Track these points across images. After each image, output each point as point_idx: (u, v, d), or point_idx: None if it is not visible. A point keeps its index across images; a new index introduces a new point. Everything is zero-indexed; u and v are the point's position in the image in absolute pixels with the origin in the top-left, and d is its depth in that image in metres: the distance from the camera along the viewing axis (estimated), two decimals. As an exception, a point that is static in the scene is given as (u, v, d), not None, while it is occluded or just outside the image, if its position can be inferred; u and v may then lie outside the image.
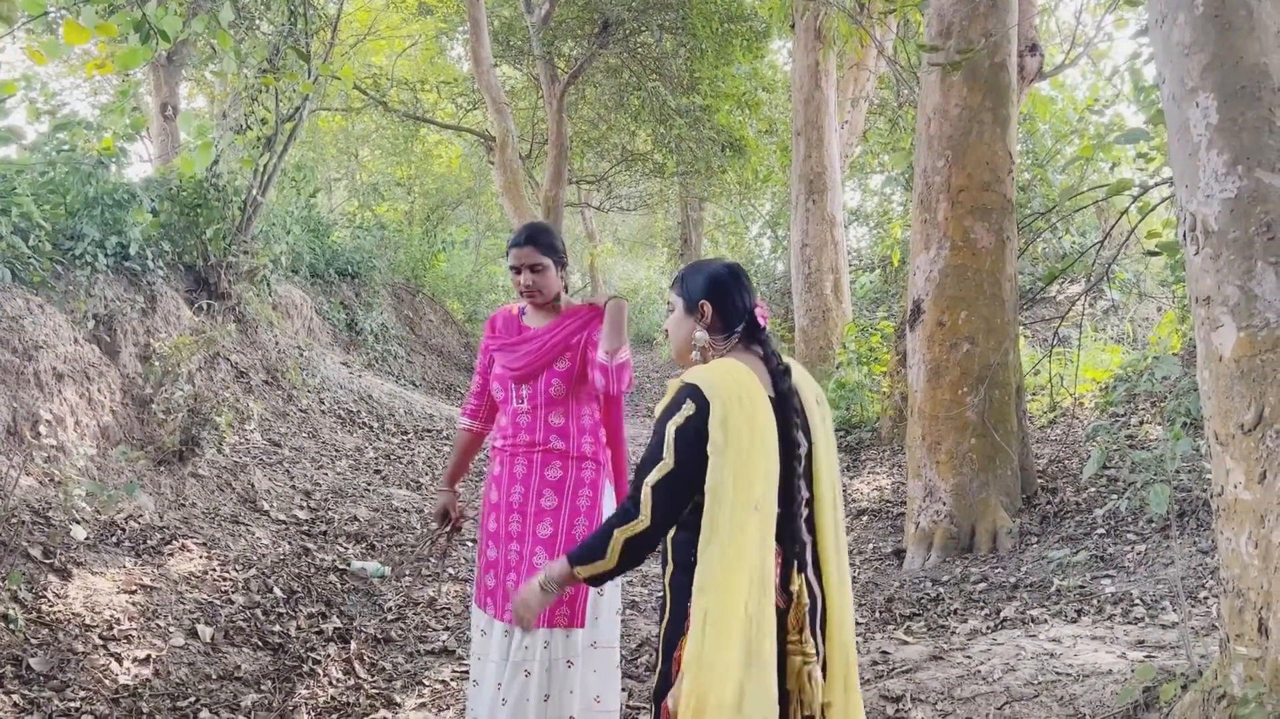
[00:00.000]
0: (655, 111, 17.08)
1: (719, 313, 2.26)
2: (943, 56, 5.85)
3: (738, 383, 2.12)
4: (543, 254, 3.16)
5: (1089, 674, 3.57)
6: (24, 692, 3.48)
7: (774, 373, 2.23)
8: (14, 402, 4.99)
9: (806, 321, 11.65)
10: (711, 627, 2.02)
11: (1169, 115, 2.92)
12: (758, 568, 2.05)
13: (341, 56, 14.84)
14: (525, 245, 3.15)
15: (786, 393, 2.20)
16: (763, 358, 2.25)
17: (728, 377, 2.13)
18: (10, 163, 5.76)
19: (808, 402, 2.28)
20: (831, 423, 2.36)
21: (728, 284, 2.27)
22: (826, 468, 2.26)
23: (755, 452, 2.07)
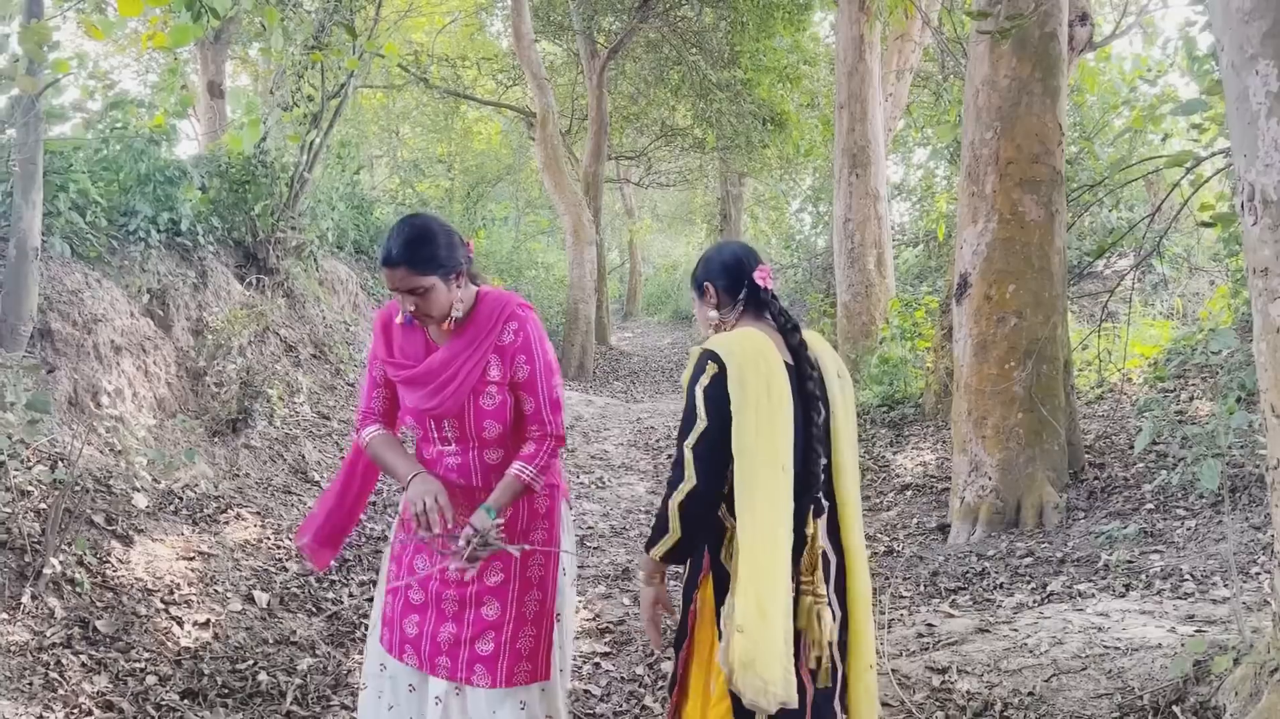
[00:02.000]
0: (695, 86, 17.00)
1: (719, 288, 2.44)
2: (992, 25, 5.77)
3: (753, 347, 2.24)
4: (421, 274, 2.40)
5: (1137, 648, 3.56)
6: (91, 652, 3.60)
7: (785, 334, 2.37)
8: (75, 373, 5.12)
9: (849, 297, 11.59)
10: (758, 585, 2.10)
11: (1227, 83, 2.88)
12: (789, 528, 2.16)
13: (385, 33, 14.90)
14: (397, 266, 2.39)
15: (800, 354, 2.34)
16: (775, 324, 2.39)
17: (743, 341, 2.26)
18: (67, 140, 5.88)
19: (828, 374, 2.40)
20: (853, 398, 2.48)
21: (721, 260, 2.46)
22: (846, 438, 2.38)
23: (775, 411, 2.18)
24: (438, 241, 2.43)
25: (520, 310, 2.57)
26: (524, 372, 2.53)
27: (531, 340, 2.54)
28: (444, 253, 2.43)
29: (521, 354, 2.53)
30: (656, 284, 31.44)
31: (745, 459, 2.14)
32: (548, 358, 2.57)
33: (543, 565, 2.64)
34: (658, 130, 21.30)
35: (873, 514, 6.73)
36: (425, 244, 2.41)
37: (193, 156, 8.13)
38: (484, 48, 20.90)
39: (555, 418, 2.54)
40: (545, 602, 2.62)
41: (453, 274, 2.45)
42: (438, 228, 2.47)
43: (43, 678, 3.36)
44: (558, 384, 2.57)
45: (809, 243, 16.75)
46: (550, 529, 2.67)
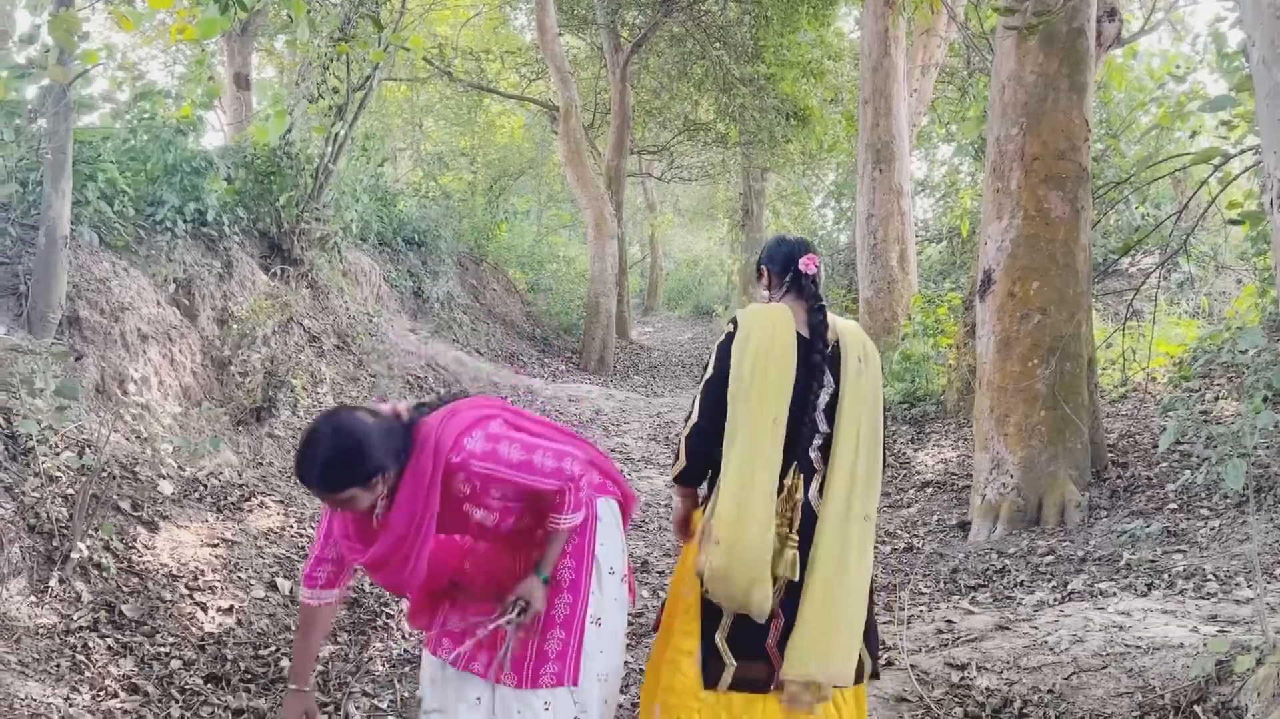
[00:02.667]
0: (719, 80, 16.96)
1: (772, 272, 2.88)
2: (1019, 20, 5.74)
3: (769, 317, 2.68)
4: (341, 492, 2.27)
5: (1159, 647, 3.54)
6: (117, 636, 3.65)
7: (811, 313, 2.73)
8: (102, 361, 5.18)
9: (871, 293, 11.55)
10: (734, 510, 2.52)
11: (1258, 80, 2.85)
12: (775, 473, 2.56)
13: (410, 26, 14.96)
14: (317, 492, 2.31)
15: (818, 332, 2.69)
16: (805, 305, 2.77)
17: (763, 312, 2.71)
18: (96, 130, 5.94)
19: (848, 355, 2.69)
20: (874, 383, 2.73)
21: (773, 249, 2.92)
22: (852, 413, 2.65)
23: (773, 370, 2.59)
24: (351, 459, 2.24)
25: (455, 457, 2.35)
26: (509, 490, 2.46)
27: (488, 474, 2.39)
28: (358, 469, 2.25)
29: (492, 486, 2.42)
30: (677, 279, 31.42)
31: (736, 403, 2.58)
32: (514, 463, 2.40)
33: (574, 569, 2.60)
34: (680, 125, 21.27)
35: (893, 510, 6.71)
36: (334, 467, 2.25)
37: (219, 147, 8.20)
38: (508, 41, 20.94)
39: (559, 477, 2.44)
40: (575, 605, 2.58)
41: (373, 480, 2.28)
42: (349, 442, 2.24)
43: (70, 660, 3.40)
44: (542, 461, 2.42)
45: (831, 239, 16.70)
46: (583, 532, 2.62)
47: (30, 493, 3.91)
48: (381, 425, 2.33)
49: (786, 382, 2.60)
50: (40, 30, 4.38)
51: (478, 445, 2.38)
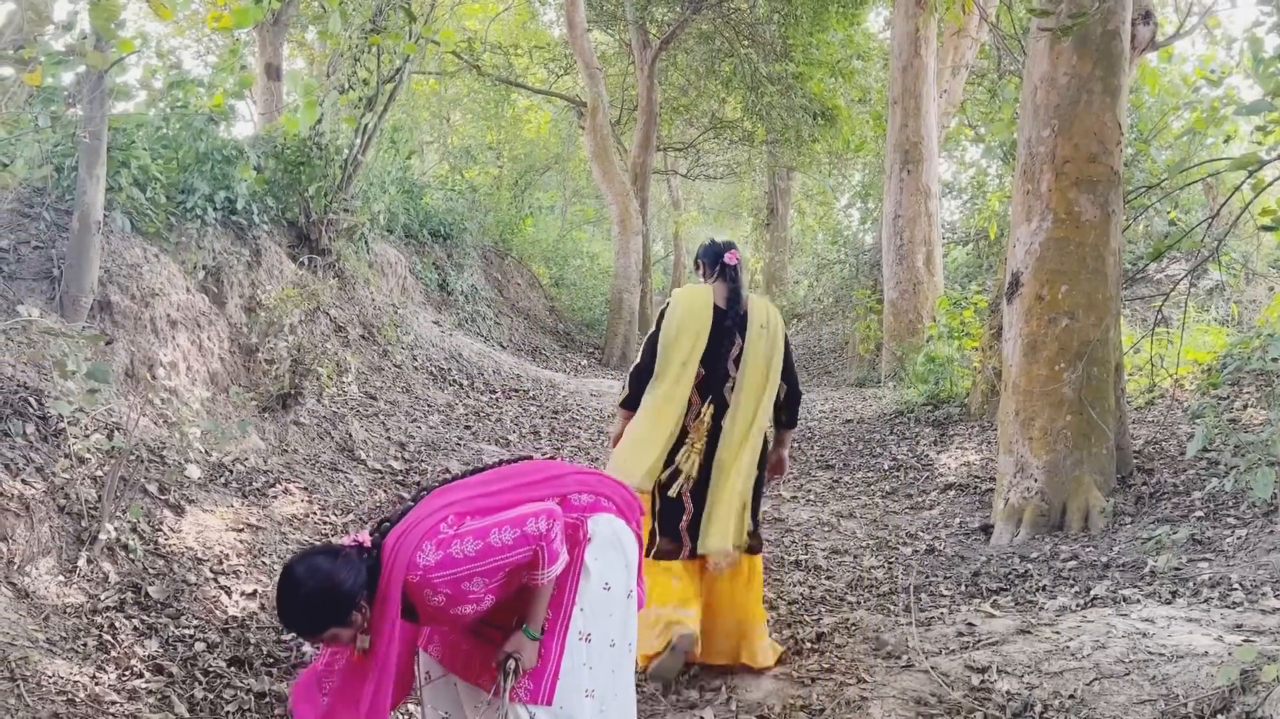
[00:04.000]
0: (746, 78, 16.92)
1: (705, 265, 4.04)
2: (1053, 22, 5.70)
3: (692, 293, 3.92)
4: (320, 634, 2.36)
5: (1183, 655, 3.51)
6: (143, 617, 3.69)
7: (729, 293, 3.91)
8: (132, 346, 5.23)
9: (896, 294, 11.50)
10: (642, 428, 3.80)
11: (1298, 83, 2.82)
12: (681, 401, 3.79)
13: (440, 20, 15.01)
14: (303, 637, 2.54)
15: (730, 305, 3.89)
16: (726, 286, 3.95)
17: (689, 290, 3.95)
18: (130, 117, 6.00)
19: (754, 319, 3.88)
20: (776, 337, 3.90)
21: (707, 248, 4.05)
22: (754, 366, 3.84)
23: (690, 331, 3.81)
24: (324, 604, 2.30)
25: (412, 577, 2.36)
26: (481, 583, 2.42)
27: (452, 580, 2.38)
28: (333, 611, 2.31)
29: (463, 584, 2.40)
30: (700, 277, 31.30)
31: (661, 352, 3.83)
32: (473, 556, 2.39)
33: (558, 586, 2.58)
34: (707, 122, 21.23)
35: (914, 512, 6.69)
36: (314, 612, 2.32)
37: (249, 137, 8.26)
38: (536, 36, 20.97)
39: (526, 543, 2.42)
40: (555, 622, 2.56)
41: (349, 617, 2.34)
42: (320, 588, 2.30)
43: (96, 640, 3.45)
44: (496, 536, 2.40)
45: (856, 239, 16.64)
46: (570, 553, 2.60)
47: (60, 474, 3.96)
48: (345, 562, 2.35)
49: (700, 339, 3.81)
50: (78, 17, 4.42)
51: (430, 558, 2.37)
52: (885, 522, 6.45)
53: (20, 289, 4.98)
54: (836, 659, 3.96)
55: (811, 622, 4.48)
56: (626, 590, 2.71)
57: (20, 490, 3.73)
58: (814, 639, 4.22)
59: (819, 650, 4.09)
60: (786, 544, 5.86)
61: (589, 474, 2.83)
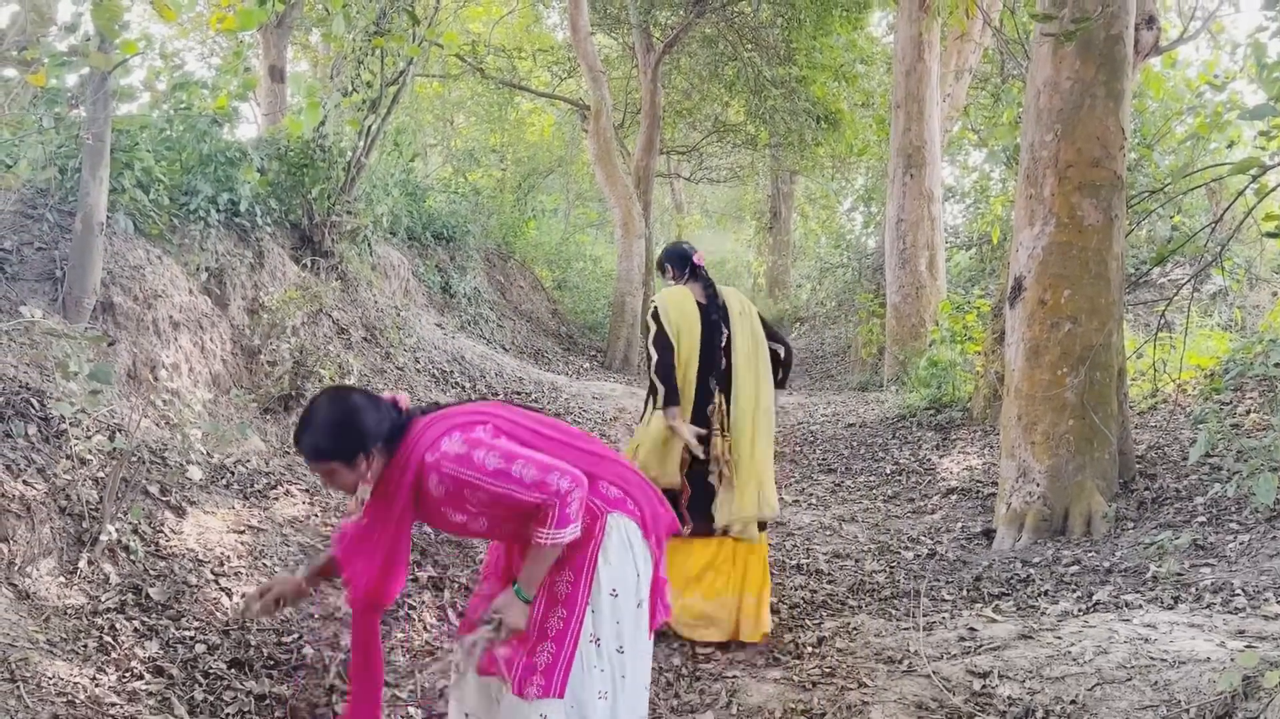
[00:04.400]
0: (750, 82, 16.94)
1: (674, 268, 4.48)
2: (1056, 27, 5.69)
3: (676, 295, 4.35)
4: (316, 462, 2.44)
5: (1185, 661, 3.50)
6: (143, 619, 3.69)
7: (705, 290, 4.39)
8: (134, 347, 5.24)
9: (899, 298, 11.50)
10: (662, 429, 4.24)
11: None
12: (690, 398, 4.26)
13: (443, 22, 15.02)
14: (305, 459, 2.49)
15: (710, 300, 4.35)
16: (700, 284, 4.42)
17: (672, 292, 4.38)
18: (133, 119, 6.00)
19: (733, 308, 4.36)
20: (753, 318, 4.39)
21: (674, 252, 4.49)
22: (742, 350, 4.30)
23: (682, 332, 4.25)
24: (336, 432, 2.39)
25: (429, 456, 2.41)
26: (483, 497, 2.43)
27: (459, 477, 2.41)
28: (341, 443, 2.39)
29: (464, 490, 2.42)
30: (703, 280, 31.34)
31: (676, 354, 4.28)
32: (488, 470, 2.40)
33: (571, 584, 2.56)
34: (710, 126, 21.24)
35: (916, 516, 6.68)
36: (323, 435, 2.39)
37: (253, 139, 8.27)
38: (540, 39, 20.99)
39: (542, 490, 2.40)
40: (569, 620, 2.54)
41: (356, 458, 2.40)
42: (340, 416, 2.40)
43: (97, 641, 3.45)
44: (521, 471, 2.40)
45: (859, 243, 16.64)
46: (585, 546, 2.57)
47: (61, 475, 3.96)
48: (375, 410, 2.43)
49: (695, 337, 4.26)
50: (82, 18, 4.43)
51: (453, 448, 2.40)
52: (887, 526, 6.44)
53: (23, 290, 4.99)
54: (838, 663, 3.96)
55: (813, 626, 4.48)
56: (636, 600, 2.65)
57: (21, 491, 3.73)
58: (815, 643, 4.21)
59: (820, 655, 4.09)
60: (788, 548, 5.85)
61: (630, 470, 2.77)
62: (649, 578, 2.70)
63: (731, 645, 4.29)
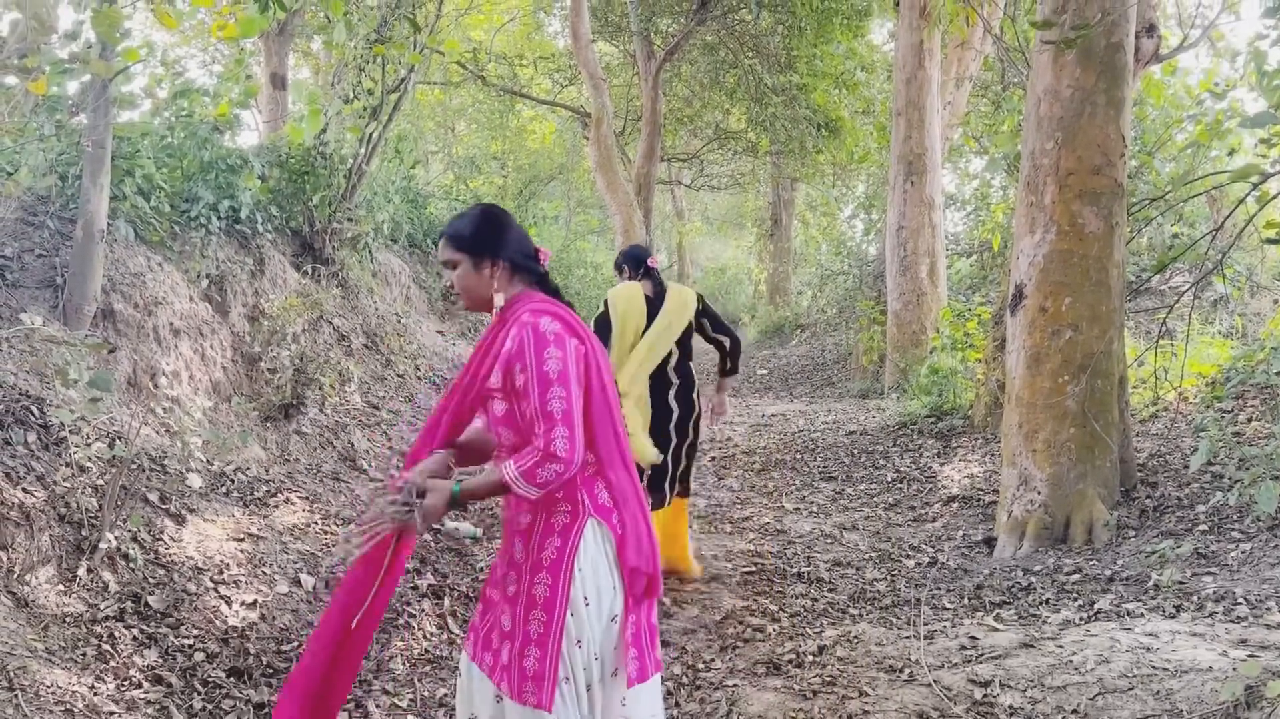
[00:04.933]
0: (750, 89, 16.97)
1: (630, 268, 5.17)
2: (1056, 35, 5.70)
3: (626, 290, 5.06)
4: (450, 248, 2.56)
5: (1187, 670, 3.49)
6: (143, 627, 3.68)
7: (655, 288, 5.09)
8: (135, 354, 5.23)
9: (900, 305, 11.50)
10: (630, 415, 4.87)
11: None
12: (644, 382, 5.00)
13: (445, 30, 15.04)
14: (440, 236, 2.61)
15: (658, 296, 5.06)
16: (651, 282, 5.12)
17: (622, 288, 5.09)
18: (134, 126, 6.01)
19: (668, 304, 5.04)
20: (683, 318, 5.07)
21: (632, 254, 5.21)
22: (649, 335, 4.99)
23: (632, 319, 4.98)
24: (478, 226, 2.56)
25: (527, 316, 2.47)
26: (519, 379, 2.43)
27: (525, 348, 2.42)
28: (478, 237, 2.55)
29: (516, 362, 2.43)
30: (704, 287, 31.41)
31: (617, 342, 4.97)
32: (542, 368, 2.40)
33: (549, 586, 2.48)
34: (711, 133, 21.28)
35: (917, 524, 6.67)
36: (466, 223, 2.57)
37: (254, 146, 8.27)
38: (541, 47, 21.04)
39: (546, 430, 2.37)
40: (550, 624, 2.46)
41: (484, 261, 2.54)
42: (489, 216, 2.58)
43: (95, 649, 3.44)
44: (553, 396, 2.38)
45: (860, 250, 16.64)
46: (563, 548, 2.49)
47: (61, 482, 3.96)
48: (522, 236, 2.62)
49: (641, 325, 4.96)
50: (83, 26, 4.44)
51: (546, 329, 2.45)
52: (888, 534, 6.43)
53: (24, 297, 4.99)
54: (839, 672, 3.95)
55: (814, 634, 4.46)
56: (611, 613, 2.54)
57: (21, 499, 3.73)
58: (816, 652, 4.20)
59: (821, 663, 4.07)
60: (789, 556, 5.84)
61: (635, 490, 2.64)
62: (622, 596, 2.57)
63: None
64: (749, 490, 7.68)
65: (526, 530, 2.52)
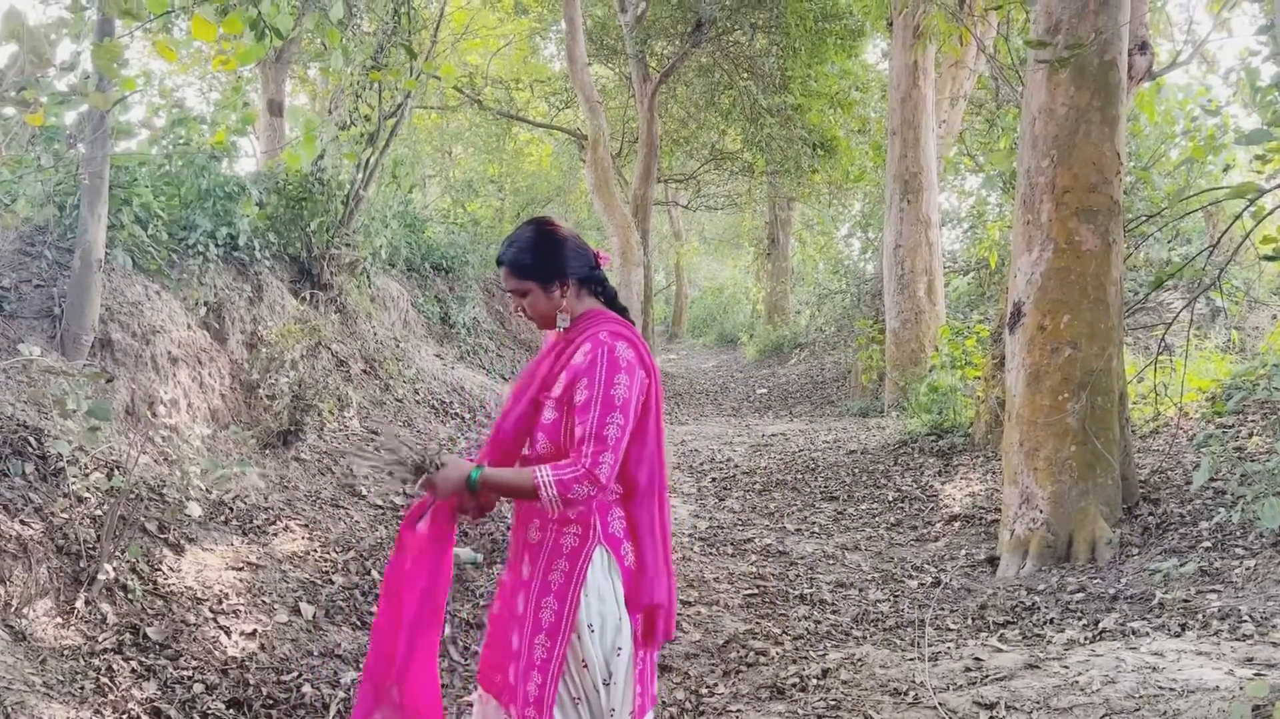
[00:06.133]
0: (746, 110, 17.04)
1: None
2: (1050, 54, 5.73)
3: None
4: (518, 277, 2.53)
5: (1193, 690, 3.46)
6: (141, 659, 3.65)
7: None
8: (133, 383, 5.22)
9: (898, 324, 11.50)
10: None
11: (1297, 114, 2.82)
12: None
13: (441, 55, 15.13)
14: (501, 265, 2.56)
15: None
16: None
17: None
18: (132, 155, 6.02)
19: None
20: None
21: None
22: None
23: None
24: (540, 250, 2.52)
25: (605, 336, 2.47)
26: (582, 396, 2.42)
27: (597, 367, 2.42)
28: (543, 261, 2.51)
29: (584, 378, 2.42)
30: (702, 306, 31.46)
31: None
32: (609, 391, 2.40)
33: (555, 612, 2.46)
34: (707, 154, 21.36)
35: (920, 544, 6.64)
36: (527, 250, 2.52)
37: (251, 173, 8.29)
38: (537, 71, 21.14)
39: (594, 452, 2.35)
40: (552, 649, 2.45)
41: (554, 283, 2.52)
42: (546, 236, 2.54)
43: (94, 682, 3.41)
44: (611, 422, 2.38)
45: (857, 268, 16.67)
46: (571, 571, 2.46)
47: (59, 513, 3.94)
48: (581, 247, 2.57)
49: None
50: (80, 57, 4.45)
51: (620, 354, 2.45)
52: (890, 554, 6.40)
53: (21, 327, 4.98)
54: (843, 696, 3.92)
55: (817, 657, 4.43)
56: (615, 646, 2.49)
57: (18, 531, 3.71)
58: (820, 675, 4.17)
59: (825, 687, 4.04)
60: (791, 578, 5.81)
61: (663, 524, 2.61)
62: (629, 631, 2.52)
63: None
64: (750, 511, 7.66)
65: (535, 547, 2.50)
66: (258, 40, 5.37)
